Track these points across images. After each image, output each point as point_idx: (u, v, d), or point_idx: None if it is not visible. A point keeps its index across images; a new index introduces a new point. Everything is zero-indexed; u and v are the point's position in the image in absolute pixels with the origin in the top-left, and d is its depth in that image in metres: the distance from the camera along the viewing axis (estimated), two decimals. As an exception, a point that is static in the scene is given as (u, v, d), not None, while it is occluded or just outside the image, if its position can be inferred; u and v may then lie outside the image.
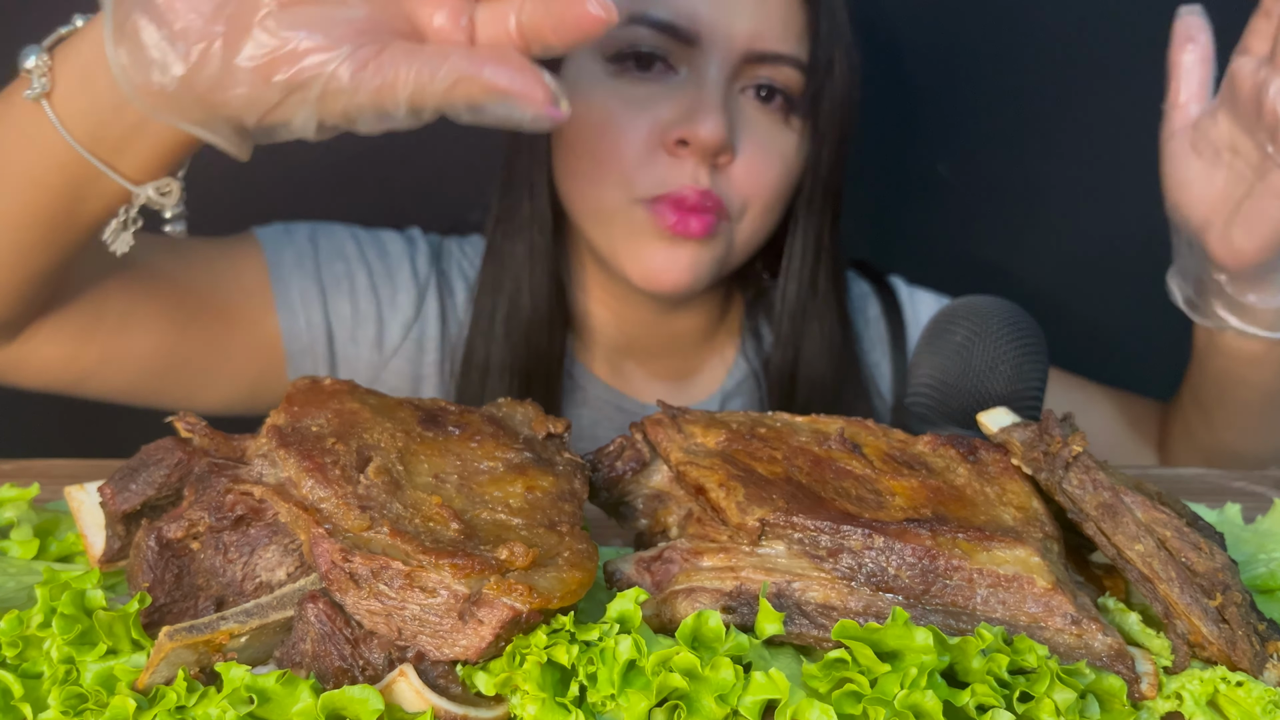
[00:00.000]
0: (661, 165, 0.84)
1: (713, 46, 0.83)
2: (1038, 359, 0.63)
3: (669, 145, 0.83)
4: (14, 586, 0.50)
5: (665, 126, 0.83)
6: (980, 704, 0.39)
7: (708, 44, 0.83)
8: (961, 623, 0.43)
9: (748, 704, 0.39)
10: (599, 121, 0.85)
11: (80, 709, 0.40)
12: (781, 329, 0.95)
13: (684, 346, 1.00)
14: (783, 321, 0.95)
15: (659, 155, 0.84)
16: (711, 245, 0.87)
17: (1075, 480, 0.47)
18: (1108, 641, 0.43)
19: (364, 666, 0.40)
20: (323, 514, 0.42)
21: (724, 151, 0.84)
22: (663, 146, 0.84)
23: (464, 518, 0.43)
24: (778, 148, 0.87)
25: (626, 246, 0.87)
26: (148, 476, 0.47)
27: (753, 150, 0.85)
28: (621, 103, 0.84)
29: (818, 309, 0.95)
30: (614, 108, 0.84)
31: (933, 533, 0.44)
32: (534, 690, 0.38)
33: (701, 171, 0.83)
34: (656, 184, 0.84)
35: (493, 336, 0.93)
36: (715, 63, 0.83)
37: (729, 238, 0.88)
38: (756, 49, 0.84)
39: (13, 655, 0.42)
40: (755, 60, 0.84)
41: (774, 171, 0.87)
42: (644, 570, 0.45)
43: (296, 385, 0.50)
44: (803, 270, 0.94)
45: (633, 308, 0.97)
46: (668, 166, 0.84)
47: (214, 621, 0.41)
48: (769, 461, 0.48)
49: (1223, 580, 0.44)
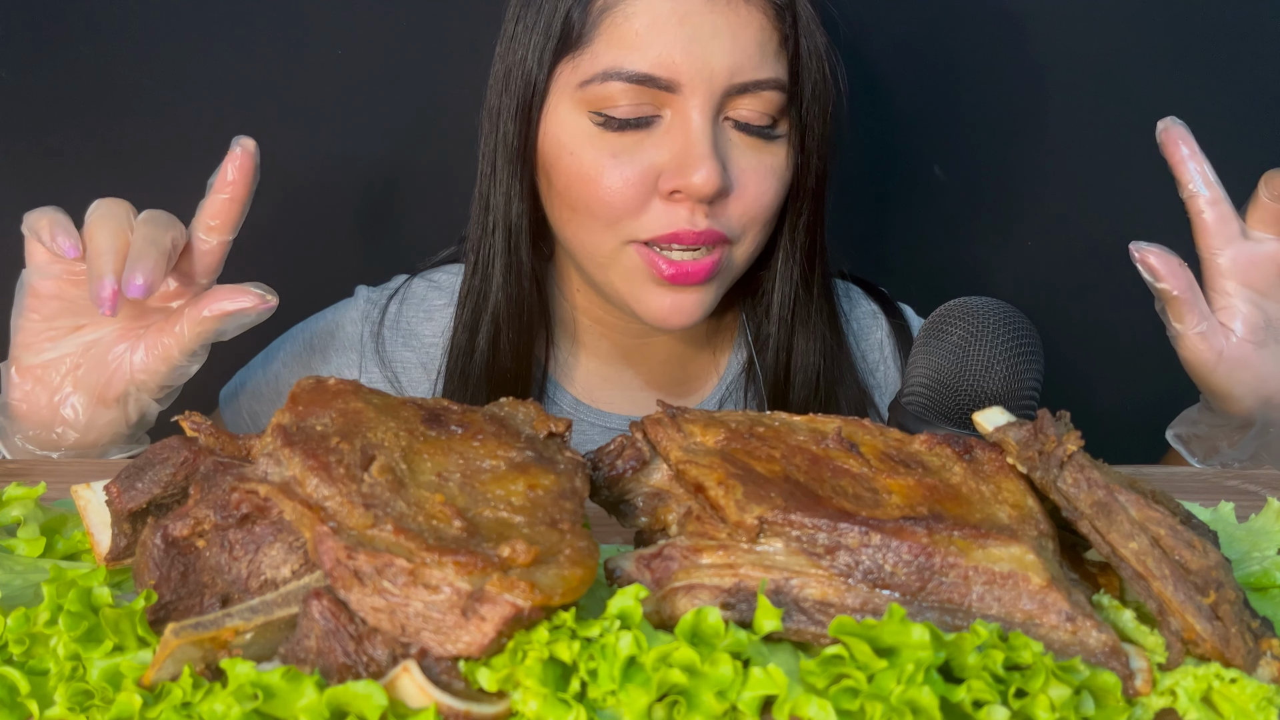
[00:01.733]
0: (656, 212, 0.83)
1: (693, 90, 0.81)
2: (1033, 359, 0.64)
3: (663, 194, 0.83)
4: (21, 584, 0.50)
5: (657, 175, 0.83)
6: (976, 699, 0.39)
7: (688, 88, 0.81)
8: (957, 619, 0.43)
9: (746, 699, 0.39)
10: (590, 176, 0.83)
11: (86, 705, 0.40)
12: (773, 331, 0.96)
13: (680, 354, 1.01)
14: (774, 324, 0.95)
15: (653, 203, 0.83)
16: (715, 280, 0.87)
17: (1070, 479, 0.47)
18: (1102, 638, 0.43)
19: (368, 663, 0.40)
20: (327, 512, 0.43)
21: (721, 194, 0.83)
22: (657, 195, 0.83)
23: (467, 515, 0.43)
24: (769, 167, 0.86)
25: (628, 289, 0.87)
26: (154, 475, 0.48)
27: (746, 179, 0.85)
28: (610, 155, 0.83)
29: (808, 311, 0.96)
30: (604, 162, 0.83)
31: (929, 530, 0.44)
32: (535, 686, 0.39)
33: (699, 215, 0.83)
34: (652, 229, 0.83)
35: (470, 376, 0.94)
36: (698, 105, 0.82)
37: (730, 262, 0.87)
38: (738, 81, 0.82)
39: (19, 652, 0.42)
40: (739, 93, 0.83)
41: (770, 193, 0.86)
42: (644, 567, 0.46)
43: (301, 385, 0.50)
44: (793, 272, 0.94)
45: (629, 322, 0.97)
46: (663, 213, 0.83)
47: (219, 618, 0.41)
48: (767, 460, 0.48)
49: (1216, 578, 0.45)
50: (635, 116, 0.82)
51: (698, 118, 0.82)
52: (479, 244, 0.93)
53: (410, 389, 0.99)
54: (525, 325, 0.93)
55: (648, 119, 0.83)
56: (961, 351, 0.64)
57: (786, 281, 0.94)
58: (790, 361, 0.96)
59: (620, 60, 0.82)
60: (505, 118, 0.88)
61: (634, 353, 0.99)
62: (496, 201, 0.91)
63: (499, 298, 0.92)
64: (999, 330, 0.64)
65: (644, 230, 0.84)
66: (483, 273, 0.93)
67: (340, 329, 1.01)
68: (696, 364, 1.02)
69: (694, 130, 0.82)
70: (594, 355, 1.00)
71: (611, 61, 0.82)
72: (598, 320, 0.98)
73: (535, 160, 0.88)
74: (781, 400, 0.96)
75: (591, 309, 0.98)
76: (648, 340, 0.99)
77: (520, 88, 0.86)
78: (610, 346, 0.99)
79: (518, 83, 0.87)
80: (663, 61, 0.81)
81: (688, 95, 0.82)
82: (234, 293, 0.74)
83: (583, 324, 0.99)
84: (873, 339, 1.05)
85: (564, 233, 0.90)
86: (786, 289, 0.94)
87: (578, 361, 1.00)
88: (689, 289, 0.85)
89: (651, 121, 0.83)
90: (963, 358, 0.63)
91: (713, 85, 0.82)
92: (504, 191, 0.90)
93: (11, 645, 0.42)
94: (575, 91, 0.84)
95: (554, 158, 0.86)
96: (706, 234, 0.83)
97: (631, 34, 0.81)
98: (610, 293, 0.89)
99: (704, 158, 0.81)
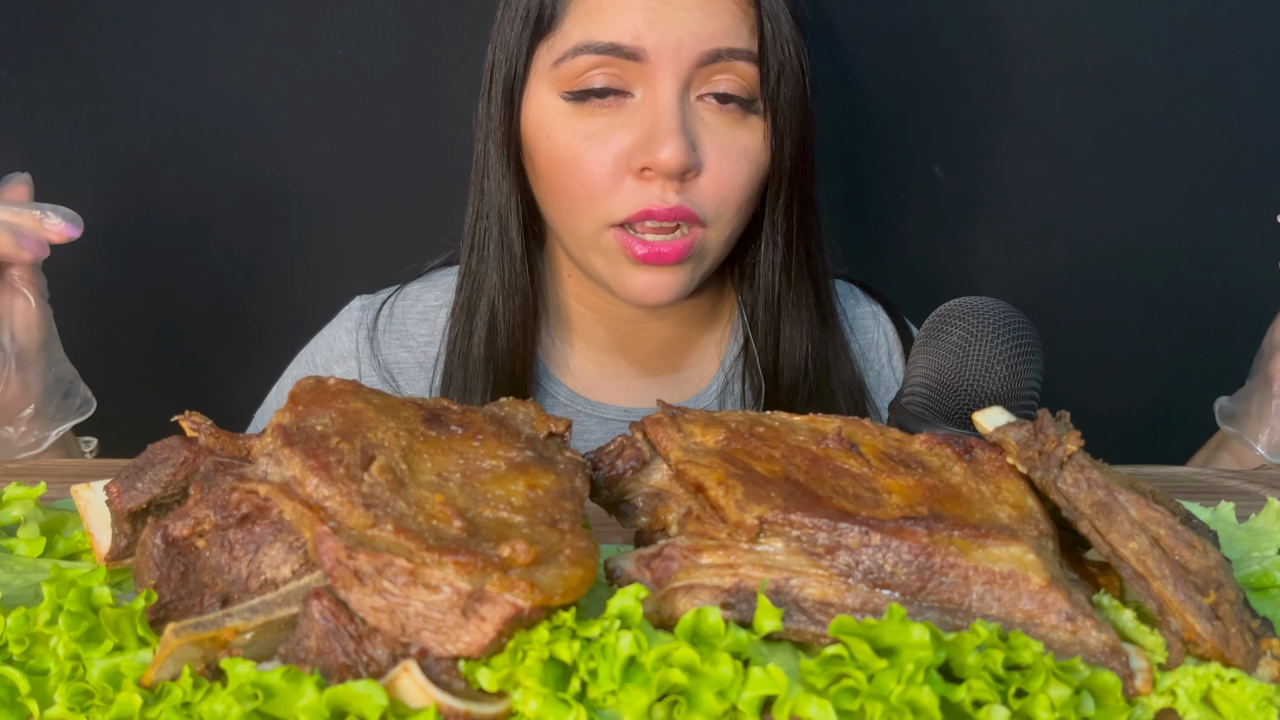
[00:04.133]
0: (629, 190, 0.85)
1: (661, 60, 0.83)
2: (1033, 359, 0.64)
3: (634, 172, 0.84)
4: (21, 584, 0.50)
5: (628, 154, 0.84)
6: (976, 699, 0.39)
7: (656, 58, 0.83)
8: (957, 619, 0.43)
9: (746, 699, 0.39)
10: (565, 158, 0.86)
11: (86, 705, 0.40)
12: (761, 316, 0.97)
13: (676, 340, 1.01)
14: (761, 308, 0.97)
15: (625, 182, 0.85)
16: (689, 262, 0.88)
17: (1070, 479, 0.47)
18: (1102, 638, 0.43)
19: (368, 662, 0.40)
20: (327, 512, 0.43)
21: (689, 170, 0.84)
22: (629, 174, 0.85)
23: (467, 515, 0.43)
24: (741, 148, 0.87)
25: (607, 269, 0.89)
26: (154, 475, 0.48)
27: (718, 158, 0.86)
28: (583, 137, 0.85)
29: (791, 296, 0.97)
30: (576, 143, 0.85)
31: (929, 530, 0.44)
32: (535, 686, 0.39)
33: (670, 192, 0.84)
34: (624, 208, 0.85)
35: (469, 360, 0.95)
36: (667, 77, 0.83)
37: (704, 244, 0.88)
38: (707, 49, 0.83)
39: (19, 652, 0.42)
40: (708, 63, 0.84)
41: (742, 175, 0.87)
42: (644, 567, 0.46)
43: (301, 385, 0.50)
44: (775, 257, 0.95)
45: (622, 308, 0.98)
46: (635, 191, 0.84)
47: (219, 618, 0.41)
48: (767, 460, 0.48)
49: (1216, 578, 0.45)
50: (604, 87, 0.84)
51: (666, 93, 0.83)
52: (474, 228, 0.96)
53: (407, 388, 1.00)
54: (519, 307, 0.95)
55: (618, 91, 0.84)
56: (961, 351, 0.64)
57: (770, 267, 0.95)
58: (779, 345, 0.97)
59: (588, 33, 0.84)
60: (494, 105, 0.91)
61: (629, 339, 1.00)
62: (490, 187, 0.93)
63: (494, 280, 0.94)
64: (999, 330, 0.64)
65: (619, 211, 0.85)
66: (478, 255, 0.95)
67: (337, 340, 1.03)
68: (693, 351, 1.02)
69: (661, 106, 0.83)
70: (590, 344, 1.01)
71: (581, 36, 0.84)
72: (591, 307, 0.99)
73: (521, 145, 0.91)
74: (773, 386, 0.98)
75: (584, 295, 0.99)
76: (643, 325, 1.00)
77: (504, 74, 0.89)
78: (605, 334, 1.00)
79: (501, 69, 0.90)
80: (630, 30, 0.83)
81: (656, 67, 0.83)
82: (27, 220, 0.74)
83: (577, 311, 1.00)
84: (873, 338, 1.06)
85: (549, 214, 0.92)
86: (770, 275, 0.95)
87: (574, 351, 1.01)
88: (664, 269, 0.87)
89: (624, 101, 0.85)
90: (963, 358, 0.63)
91: (680, 57, 0.83)
92: (495, 177, 0.93)
93: (11, 645, 0.42)
94: (550, 72, 0.86)
95: (534, 141, 0.89)
96: (677, 210, 0.84)
97: (598, 8, 0.84)
98: (593, 275, 0.91)
99: (671, 133, 0.82)
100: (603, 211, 0.86)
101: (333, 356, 1.02)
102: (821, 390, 0.98)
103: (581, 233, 0.88)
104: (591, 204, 0.86)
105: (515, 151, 0.91)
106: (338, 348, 1.02)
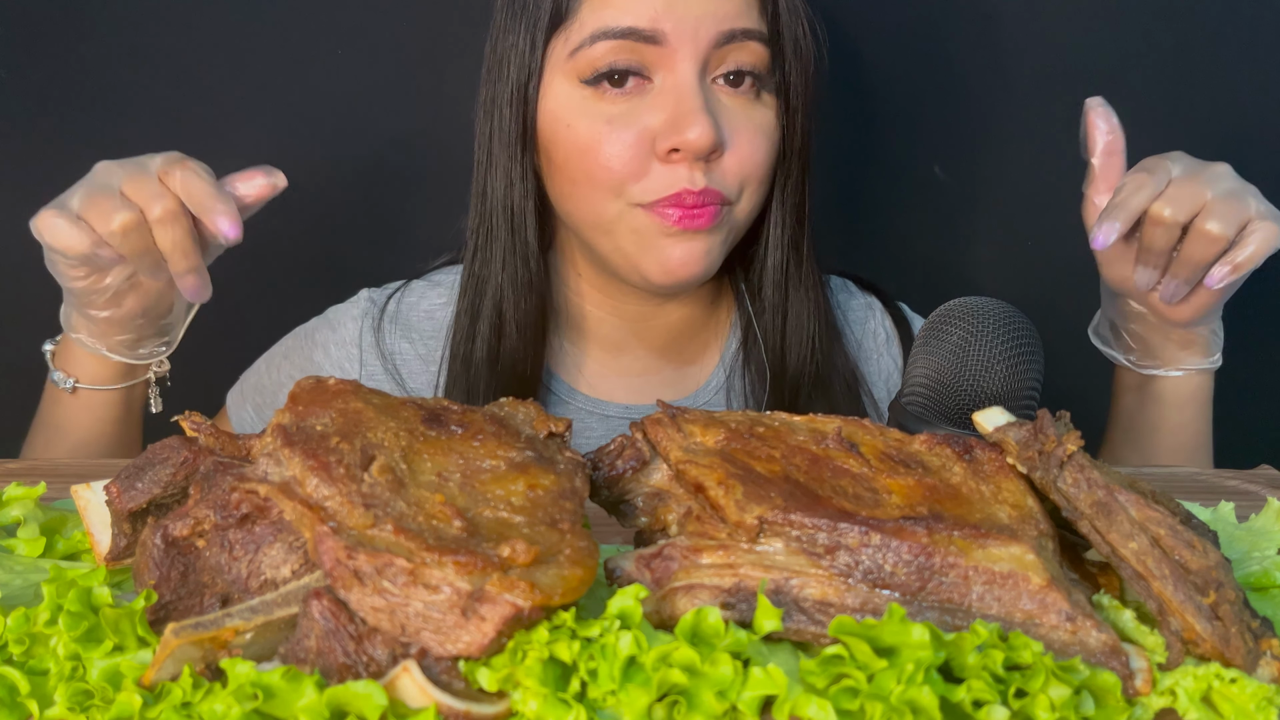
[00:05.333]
0: (656, 174, 0.85)
1: (679, 42, 0.84)
2: (1033, 359, 0.64)
3: (661, 155, 0.85)
4: (21, 584, 0.50)
5: (653, 137, 0.85)
6: (976, 699, 0.39)
7: (674, 41, 0.84)
8: (957, 619, 0.43)
9: (746, 699, 0.39)
10: (587, 145, 0.86)
11: (86, 705, 0.40)
12: (769, 295, 0.97)
13: (684, 327, 1.02)
14: (770, 287, 0.97)
15: (651, 165, 0.85)
16: (719, 230, 0.88)
17: (1070, 479, 0.47)
18: (1102, 638, 0.43)
19: (368, 662, 0.40)
20: (327, 512, 0.43)
21: (716, 149, 0.85)
22: (654, 156, 0.85)
23: (467, 515, 0.43)
24: (758, 126, 0.88)
25: (638, 248, 0.88)
26: (154, 475, 0.48)
27: (739, 137, 0.87)
28: (605, 122, 0.85)
29: (801, 273, 0.97)
30: (599, 128, 0.85)
31: (929, 530, 0.44)
32: (535, 686, 0.39)
33: (697, 173, 0.85)
34: (654, 191, 0.85)
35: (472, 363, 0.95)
36: (686, 59, 0.84)
37: (731, 219, 0.89)
38: (723, 29, 0.85)
39: (19, 652, 0.42)
40: (724, 43, 0.85)
41: (762, 151, 0.88)
42: (644, 567, 0.46)
43: (301, 385, 0.50)
44: (784, 235, 0.95)
45: (630, 303, 0.98)
46: (662, 174, 0.85)
47: (219, 618, 0.41)
48: (767, 460, 0.48)
49: (1216, 578, 0.45)
50: (624, 68, 0.85)
51: (687, 75, 0.84)
52: (477, 231, 0.95)
53: (410, 380, 1.00)
54: (530, 308, 0.94)
55: (638, 71, 0.85)
56: (961, 351, 0.64)
57: (779, 244, 0.96)
58: (785, 324, 0.97)
59: (605, 19, 0.84)
60: (500, 105, 0.91)
61: (639, 328, 1.00)
62: (495, 188, 0.93)
63: (500, 282, 0.94)
64: (999, 330, 0.64)
65: (647, 194, 0.86)
66: (482, 258, 0.95)
67: (341, 325, 1.03)
68: (699, 339, 1.03)
69: (685, 88, 0.84)
70: (595, 342, 1.01)
71: (597, 23, 0.85)
72: (599, 304, 0.99)
73: (535, 142, 0.91)
74: (779, 371, 0.98)
75: (592, 293, 0.99)
76: (654, 312, 1.00)
77: (514, 72, 0.89)
78: (613, 329, 1.00)
79: (511, 68, 0.89)
80: (646, 14, 0.83)
81: (675, 49, 0.84)
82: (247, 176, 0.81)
83: (585, 309, 1.00)
84: (868, 328, 1.06)
85: (566, 207, 0.91)
86: (779, 252, 0.96)
87: (578, 350, 1.02)
88: (697, 235, 0.87)
89: (644, 86, 0.86)
90: (963, 358, 0.63)
91: (698, 38, 0.84)
92: (503, 178, 0.92)
93: (11, 645, 0.42)
94: (566, 63, 0.87)
95: (552, 133, 0.88)
96: (706, 192, 0.85)
97: None
98: (619, 260, 0.91)
99: (697, 112, 0.83)
100: (629, 196, 0.86)
101: (334, 338, 1.02)
102: (825, 374, 0.99)
103: (606, 216, 0.88)
104: (616, 189, 0.86)
105: (529, 151, 0.91)
106: (341, 332, 1.02)
